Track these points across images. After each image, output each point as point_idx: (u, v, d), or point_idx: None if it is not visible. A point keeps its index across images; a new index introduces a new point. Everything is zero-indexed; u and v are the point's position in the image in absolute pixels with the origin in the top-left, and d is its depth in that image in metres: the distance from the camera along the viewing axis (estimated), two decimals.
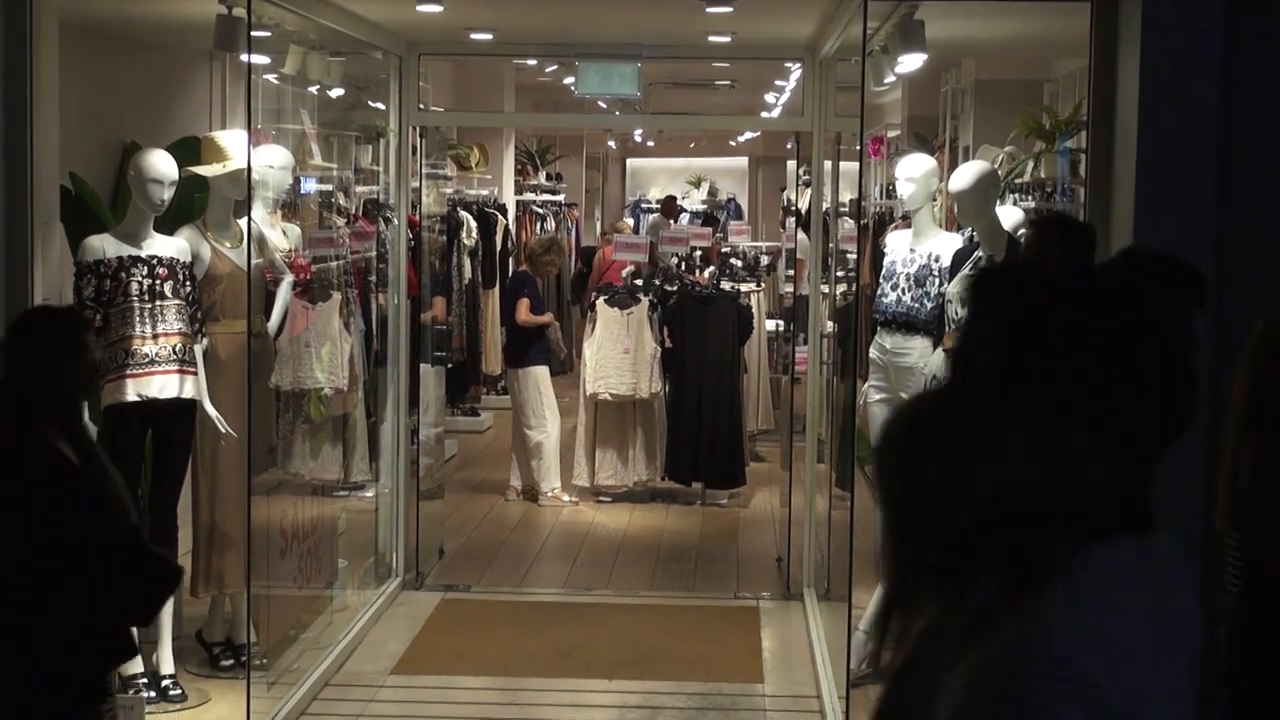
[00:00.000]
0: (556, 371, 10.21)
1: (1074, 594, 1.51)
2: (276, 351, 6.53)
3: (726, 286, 10.02)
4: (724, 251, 12.67)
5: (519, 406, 9.64)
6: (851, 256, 7.96)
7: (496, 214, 12.16)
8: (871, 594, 6.12)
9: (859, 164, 6.34)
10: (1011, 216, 6.25)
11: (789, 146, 10.18)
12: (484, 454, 11.30)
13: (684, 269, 10.63)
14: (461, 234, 11.13)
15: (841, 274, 8.08)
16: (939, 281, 6.08)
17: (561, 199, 15.49)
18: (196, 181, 6.17)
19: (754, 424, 10.61)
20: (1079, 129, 6.56)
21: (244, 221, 6.01)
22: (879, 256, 6.89)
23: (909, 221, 6.55)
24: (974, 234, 6.02)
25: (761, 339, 10.79)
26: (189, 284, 5.88)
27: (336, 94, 7.76)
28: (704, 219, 18.62)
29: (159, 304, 5.73)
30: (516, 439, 9.73)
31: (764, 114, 14.93)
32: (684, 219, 19.43)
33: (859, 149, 6.26)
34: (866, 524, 6.65)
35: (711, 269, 10.62)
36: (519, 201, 14.16)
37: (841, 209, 8.22)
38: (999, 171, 6.91)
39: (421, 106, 8.34)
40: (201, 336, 5.91)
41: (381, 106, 7.94)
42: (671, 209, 16.92)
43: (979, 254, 5.87)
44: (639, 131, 22.69)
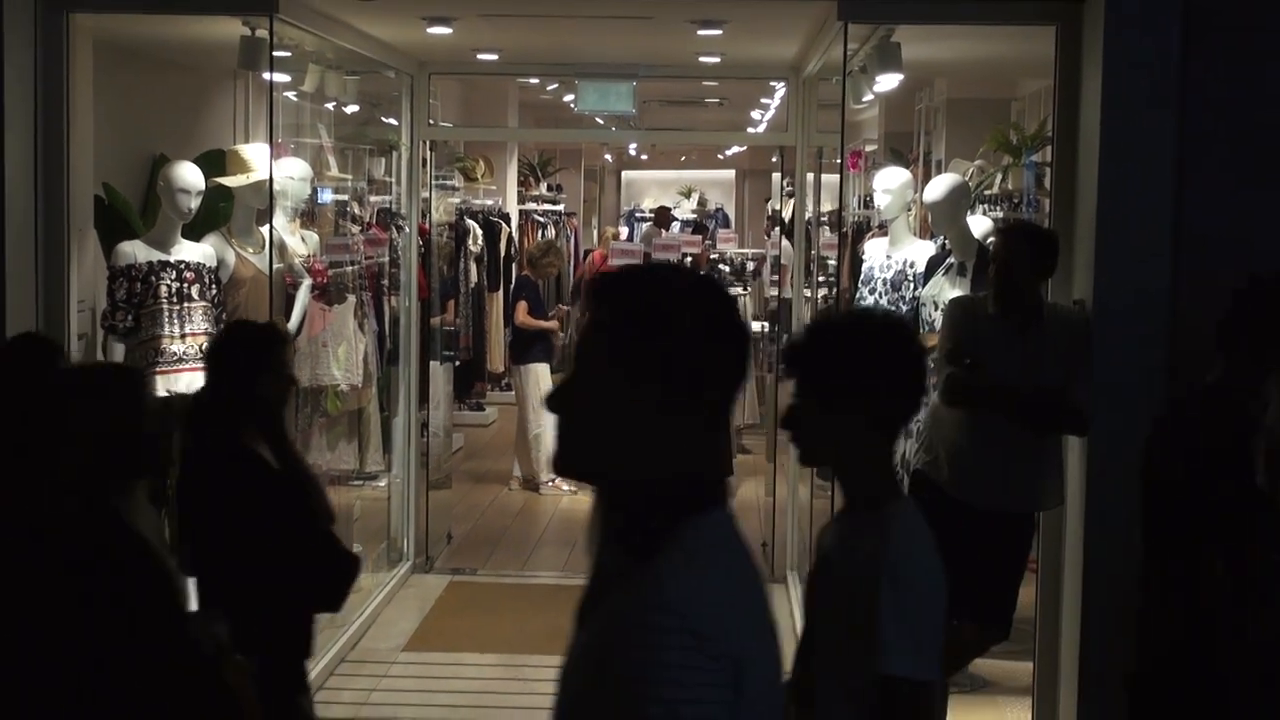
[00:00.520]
0: (557, 369, 10.19)
1: (682, 555, 1.65)
2: (296, 350, 6.52)
3: None
4: (713, 258, 12.62)
5: (521, 401, 9.63)
6: (832, 263, 7.95)
7: (500, 222, 12.13)
8: None
9: (839, 176, 6.35)
10: (981, 225, 6.25)
11: (774, 160, 10.14)
12: (489, 446, 11.29)
13: None
14: (468, 241, 11.10)
15: (823, 279, 8.08)
16: (914, 286, 6.08)
17: (561, 208, 15.43)
18: (221, 191, 6.16)
19: (741, 418, 10.59)
20: (1044, 144, 6.56)
21: (266, 229, 6.00)
22: (858, 262, 6.88)
23: (886, 230, 6.55)
24: (946, 242, 6.03)
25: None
26: (215, 287, 5.87)
27: (352, 110, 7.75)
28: (694, 227, 18.55)
29: (187, 306, 5.72)
30: (519, 432, 9.71)
31: (750, 130, 14.88)
32: (675, 227, 19.39)
33: (839, 162, 6.26)
34: None
35: None
36: (521, 211, 14.12)
37: (823, 218, 8.21)
38: (969, 184, 6.91)
39: (431, 122, 8.33)
40: None
41: (394, 122, 7.93)
42: (664, 218, 16.85)
43: (951, 260, 5.87)
44: (634, 145, 22.63)
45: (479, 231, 11.40)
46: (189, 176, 5.75)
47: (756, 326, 11.13)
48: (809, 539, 7.21)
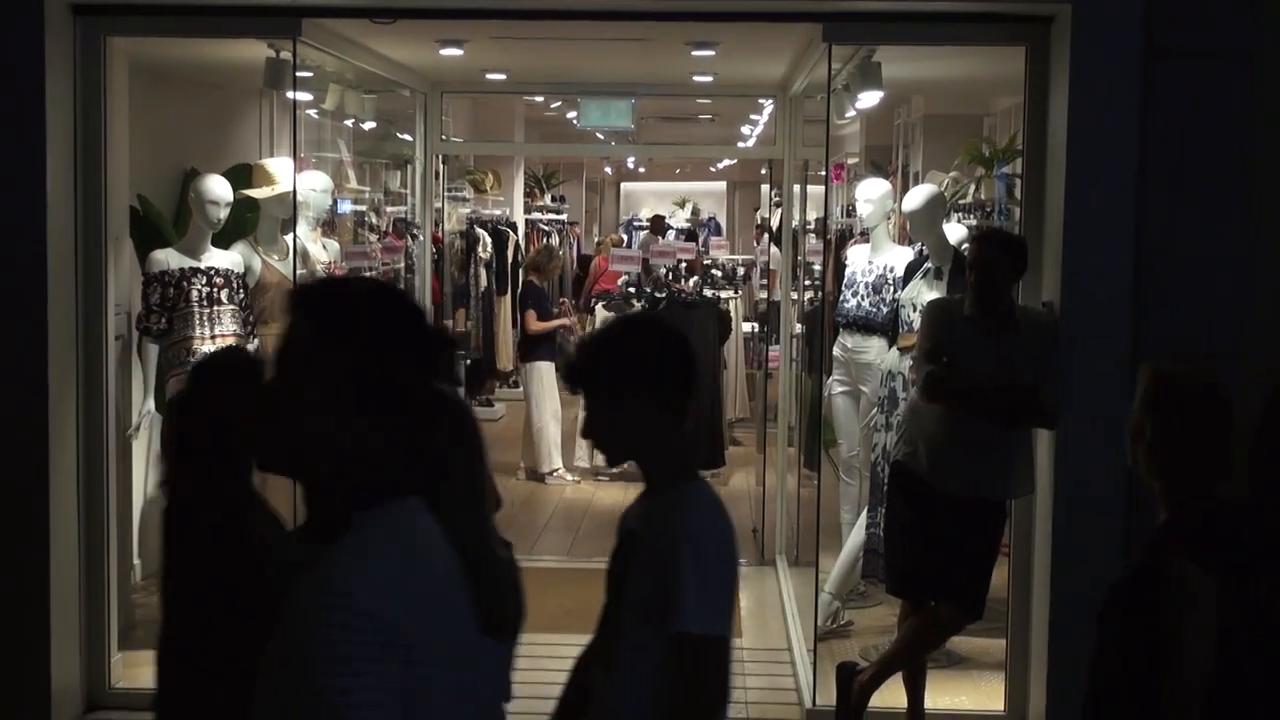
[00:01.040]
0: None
1: (358, 542, 1.68)
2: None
3: (708, 294, 10.00)
4: (706, 263, 12.63)
5: (527, 396, 9.62)
6: (817, 268, 7.96)
7: (508, 231, 12.12)
8: (835, 560, 6.13)
9: (824, 187, 6.35)
10: (956, 233, 6.25)
11: (763, 172, 10.17)
12: (498, 439, 11.27)
13: (671, 278, 10.61)
14: (478, 248, 11.10)
15: (808, 283, 8.08)
16: (893, 289, 6.08)
17: (564, 218, 15.44)
18: (249, 203, 6.17)
19: (733, 413, 10.60)
20: (1014, 157, 6.56)
21: (290, 237, 6.00)
22: (841, 267, 6.89)
23: (867, 237, 6.55)
24: (924, 248, 6.03)
25: (739, 339, 10.78)
26: (242, 292, 5.87)
27: (370, 126, 7.77)
28: (688, 235, 18.54)
29: (216, 309, 5.72)
30: (526, 426, 9.71)
31: (741, 144, 14.88)
32: (670, 235, 19.38)
33: (824, 174, 6.27)
34: (831, 499, 6.66)
35: (695, 278, 10.59)
36: (528, 220, 14.12)
37: (808, 226, 8.21)
38: (945, 194, 6.91)
39: (443, 138, 8.33)
40: (253, 338, 5.90)
41: (409, 138, 7.94)
42: (660, 227, 16.86)
43: (928, 265, 5.88)
44: (632, 159, 22.63)
45: (488, 239, 11.40)
46: (218, 189, 5.76)
47: (747, 327, 11.14)
48: (796, 524, 7.22)
